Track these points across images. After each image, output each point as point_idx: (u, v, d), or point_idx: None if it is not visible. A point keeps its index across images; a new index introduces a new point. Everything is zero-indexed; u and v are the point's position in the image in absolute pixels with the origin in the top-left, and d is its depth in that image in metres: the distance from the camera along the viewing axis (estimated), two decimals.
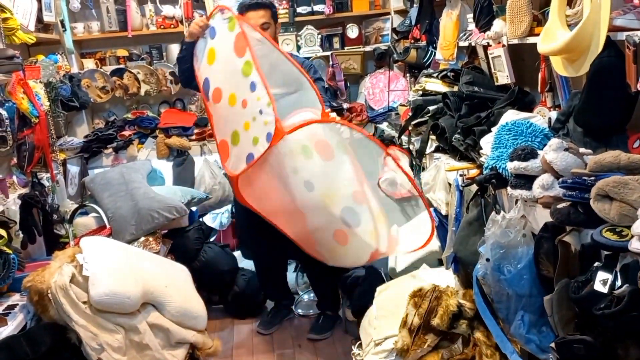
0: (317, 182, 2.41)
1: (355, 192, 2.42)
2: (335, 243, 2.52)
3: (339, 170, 2.40)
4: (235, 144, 2.50)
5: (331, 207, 2.41)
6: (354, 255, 2.54)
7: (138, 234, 3.03)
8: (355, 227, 2.43)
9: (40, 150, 2.73)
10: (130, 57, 3.98)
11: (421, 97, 2.77)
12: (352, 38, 4.14)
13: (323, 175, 2.41)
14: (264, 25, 2.74)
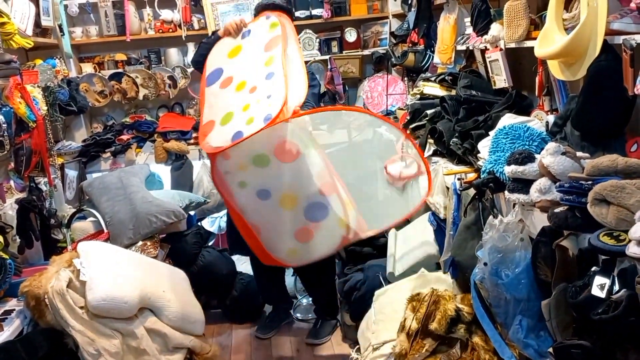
0: (274, 187, 2.35)
1: (323, 185, 2.35)
2: (294, 243, 2.46)
3: (305, 167, 2.33)
4: (224, 124, 2.28)
5: (292, 208, 2.37)
6: (320, 247, 2.49)
7: (136, 238, 3.02)
8: (322, 220, 2.38)
9: (37, 154, 2.73)
10: (129, 61, 3.98)
11: (419, 100, 2.77)
12: (351, 42, 4.14)
13: (283, 178, 2.33)
14: None
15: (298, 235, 2.45)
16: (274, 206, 2.37)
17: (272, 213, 2.40)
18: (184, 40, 3.94)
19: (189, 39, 3.95)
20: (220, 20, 3.93)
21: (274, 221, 2.43)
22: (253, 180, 2.34)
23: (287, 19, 2.58)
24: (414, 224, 2.88)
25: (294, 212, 2.39)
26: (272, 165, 2.30)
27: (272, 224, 2.45)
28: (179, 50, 4.01)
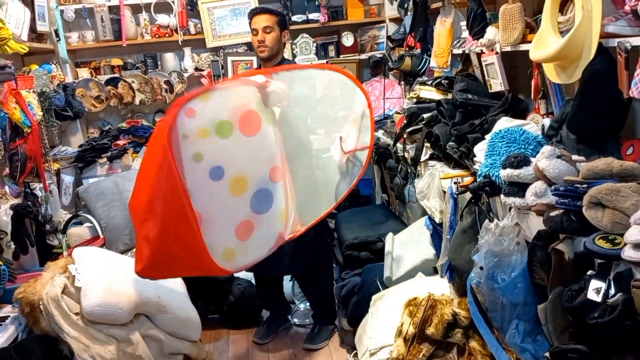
0: (230, 166, 2.13)
1: (273, 170, 2.24)
2: (233, 240, 2.19)
3: (262, 145, 2.21)
4: None
5: (241, 195, 2.18)
6: (256, 248, 2.26)
7: (132, 243, 3.00)
8: (264, 213, 2.23)
9: (32, 160, 2.72)
10: (125, 66, 3.98)
11: (415, 104, 2.77)
12: (348, 46, 4.14)
13: (240, 154, 2.17)
14: (266, 29, 2.78)
15: (239, 231, 2.20)
16: (224, 190, 2.14)
17: (220, 198, 2.14)
18: (180, 45, 3.95)
19: (185, 44, 3.95)
20: (216, 25, 3.93)
21: (220, 209, 2.16)
22: (210, 152, 2.09)
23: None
24: (411, 229, 2.88)
25: (242, 199, 2.18)
26: (233, 137, 2.12)
27: (217, 213, 2.15)
28: (175, 55, 4.01)
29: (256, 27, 2.80)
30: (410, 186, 2.89)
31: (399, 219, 3.29)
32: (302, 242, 2.88)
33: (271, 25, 2.78)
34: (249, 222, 2.21)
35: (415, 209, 2.92)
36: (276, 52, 2.84)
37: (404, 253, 2.72)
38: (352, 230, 3.17)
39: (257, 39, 2.80)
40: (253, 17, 2.83)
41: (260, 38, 2.79)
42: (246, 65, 3.96)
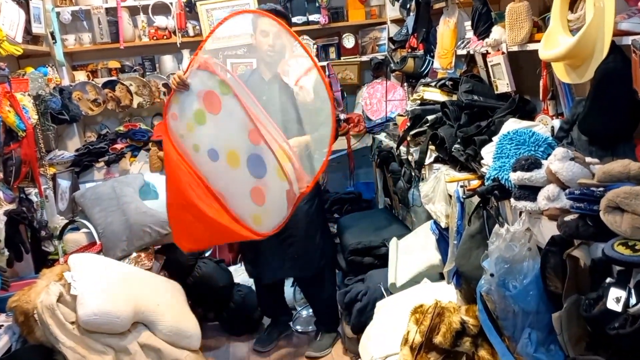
0: (218, 145, 2.45)
1: (251, 132, 2.35)
2: (254, 207, 2.43)
3: (230, 116, 2.38)
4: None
5: (238, 166, 2.41)
6: (277, 209, 2.41)
7: (130, 250, 2.94)
8: (264, 176, 2.37)
9: (27, 164, 2.66)
10: (123, 69, 3.92)
11: (420, 106, 2.71)
12: (349, 48, 4.08)
13: (220, 132, 2.42)
14: None
15: (254, 197, 2.42)
16: (225, 166, 2.44)
17: (226, 174, 2.45)
18: (178, 47, 3.88)
19: (183, 46, 3.89)
20: None
21: (231, 183, 2.46)
22: (201, 140, 2.47)
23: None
24: (416, 233, 2.81)
25: (241, 170, 2.40)
26: (208, 119, 2.43)
27: (231, 187, 2.47)
28: (173, 57, 3.95)
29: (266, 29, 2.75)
30: (415, 190, 2.83)
31: (402, 223, 3.23)
32: (305, 246, 2.83)
33: None
34: (258, 187, 2.41)
35: (420, 213, 2.86)
36: None
37: (408, 258, 2.66)
38: (355, 235, 3.11)
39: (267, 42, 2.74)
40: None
41: None
42: (246, 67, 3.89)
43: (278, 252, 2.86)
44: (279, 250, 2.86)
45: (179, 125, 2.55)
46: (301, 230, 2.83)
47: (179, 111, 2.52)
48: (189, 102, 2.48)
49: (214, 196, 2.50)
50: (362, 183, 4.19)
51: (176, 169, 2.53)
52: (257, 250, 2.91)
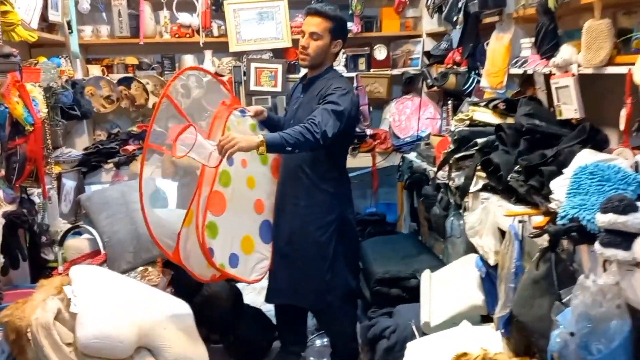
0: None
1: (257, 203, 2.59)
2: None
3: (238, 207, 2.50)
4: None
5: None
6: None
7: (136, 262, 2.68)
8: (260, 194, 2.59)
9: (32, 162, 2.41)
10: (140, 66, 3.68)
11: (468, 127, 2.46)
12: (380, 60, 3.86)
13: (234, 223, 2.47)
14: (313, 35, 2.48)
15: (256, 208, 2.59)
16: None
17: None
18: (201, 47, 3.66)
19: (206, 46, 3.66)
20: (241, 28, 3.64)
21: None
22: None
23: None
24: (453, 267, 2.55)
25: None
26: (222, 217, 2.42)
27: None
28: (195, 58, 3.72)
29: (304, 29, 2.51)
30: (454, 219, 2.57)
31: (432, 253, 2.97)
32: (309, 275, 2.57)
33: (320, 32, 2.47)
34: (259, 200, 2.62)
35: (458, 245, 2.60)
36: (319, 62, 2.54)
37: (445, 295, 2.40)
38: (381, 262, 2.85)
39: (301, 43, 2.51)
40: (306, 17, 2.53)
41: (304, 43, 2.49)
42: (270, 73, 3.67)
43: (285, 272, 2.61)
44: (286, 271, 2.61)
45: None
46: (307, 257, 2.58)
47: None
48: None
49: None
50: (383, 203, 3.94)
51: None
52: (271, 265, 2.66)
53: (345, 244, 2.64)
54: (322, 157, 2.54)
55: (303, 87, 2.66)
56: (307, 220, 2.57)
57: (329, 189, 2.58)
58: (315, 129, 2.28)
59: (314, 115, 2.34)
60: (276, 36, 3.66)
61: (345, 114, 2.40)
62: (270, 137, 2.27)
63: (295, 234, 2.59)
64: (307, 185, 2.57)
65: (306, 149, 2.33)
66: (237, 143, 2.19)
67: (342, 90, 2.47)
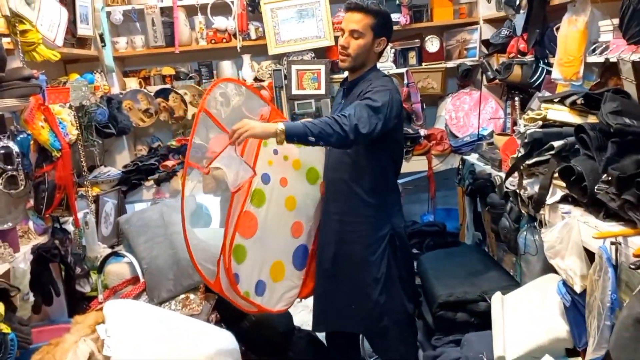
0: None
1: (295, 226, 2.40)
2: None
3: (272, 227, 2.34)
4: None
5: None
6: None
7: (177, 290, 2.50)
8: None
9: (62, 190, 2.26)
10: (177, 76, 3.52)
11: (541, 128, 2.12)
12: (432, 52, 3.52)
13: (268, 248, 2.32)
14: (354, 33, 2.20)
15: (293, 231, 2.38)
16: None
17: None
18: (238, 52, 3.44)
19: (244, 50, 3.45)
20: (280, 29, 3.41)
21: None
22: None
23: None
24: (528, 289, 2.22)
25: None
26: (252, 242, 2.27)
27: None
28: (233, 63, 3.51)
29: (343, 27, 2.23)
30: (527, 234, 2.24)
31: (502, 269, 2.64)
32: (357, 299, 2.30)
33: (362, 30, 2.18)
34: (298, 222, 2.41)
35: (534, 264, 2.26)
36: (360, 63, 2.24)
37: (521, 323, 2.07)
38: (443, 282, 2.54)
39: (340, 42, 2.24)
40: (346, 13, 2.26)
41: (343, 42, 2.22)
42: (313, 75, 3.41)
43: (331, 296, 2.36)
44: (332, 295, 2.36)
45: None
46: (356, 279, 2.30)
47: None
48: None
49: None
50: (442, 209, 3.61)
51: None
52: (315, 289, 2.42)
53: (398, 261, 2.36)
54: (368, 167, 2.27)
55: (344, 92, 2.40)
56: (353, 238, 2.31)
57: (376, 202, 2.30)
58: (344, 121, 2.00)
59: (346, 109, 2.09)
60: (317, 34, 3.40)
61: (383, 111, 2.09)
62: (291, 124, 2.02)
63: (340, 253, 2.33)
64: (352, 200, 2.30)
65: (333, 142, 2.05)
66: (251, 129, 1.98)
67: (380, 87, 2.18)
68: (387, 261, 2.28)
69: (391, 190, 2.34)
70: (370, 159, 2.22)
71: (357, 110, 2.04)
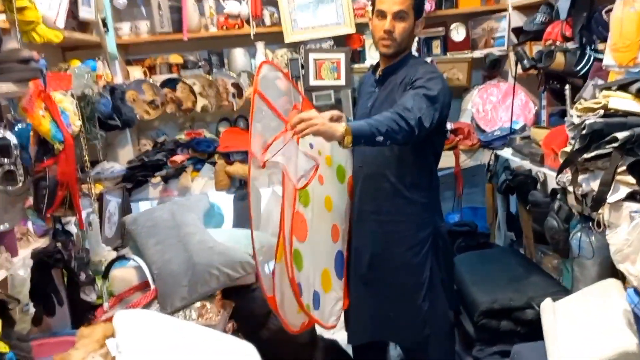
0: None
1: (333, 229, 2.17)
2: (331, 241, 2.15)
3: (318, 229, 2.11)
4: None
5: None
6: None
7: (192, 298, 2.27)
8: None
9: (64, 187, 2.01)
10: (185, 65, 3.27)
11: (602, 118, 1.91)
12: (458, 41, 3.30)
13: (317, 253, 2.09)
14: (399, 14, 1.98)
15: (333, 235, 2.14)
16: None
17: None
18: (252, 39, 3.21)
19: (258, 38, 3.21)
20: (297, 15, 3.18)
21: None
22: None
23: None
24: (584, 295, 2.01)
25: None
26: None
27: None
28: (246, 52, 3.27)
29: (385, 8, 1.99)
30: (582, 235, 2.03)
31: (544, 273, 2.43)
32: (400, 306, 2.10)
33: (406, 10, 1.98)
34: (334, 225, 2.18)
35: (589, 267, 2.06)
36: (403, 48, 2.06)
37: (580, 335, 1.86)
38: (483, 287, 2.33)
39: (382, 26, 2.01)
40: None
41: (388, 27, 2.00)
42: (332, 64, 3.19)
43: (368, 304, 2.15)
44: (369, 304, 2.15)
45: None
46: (396, 284, 2.11)
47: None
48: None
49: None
50: (468, 208, 3.39)
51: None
52: (350, 297, 2.21)
53: (440, 263, 2.16)
54: (412, 161, 2.06)
55: (377, 81, 2.18)
56: (393, 239, 2.10)
57: (419, 199, 2.10)
58: (409, 115, 1.80)
59: (404, 102, 1.87)
60: (337, 21, 3.17)
61: (440, 100, 1.92)
62: (356, 125, 1.78)
63: (378, 256, 2.12)
64: (392, 196, 2.09)
65: (399, 140, 1.83)
66: (321, 124, 1.71)
67: (431, 73, 2.00)
68: (430, 264, 2.08)
69: (434, 187, 2.14)
70: (414, 151, 2.01)
71: (417, 101, 1.84)
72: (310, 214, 2.00)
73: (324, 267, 2.07)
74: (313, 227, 2.01)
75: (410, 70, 2.05)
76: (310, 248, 1.98)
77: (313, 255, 2.00)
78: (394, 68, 2.11)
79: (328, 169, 2.14)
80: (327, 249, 2.12)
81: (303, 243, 1.94)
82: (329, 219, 2.12)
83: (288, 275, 1.84)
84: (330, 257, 2.13)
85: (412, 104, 1.83)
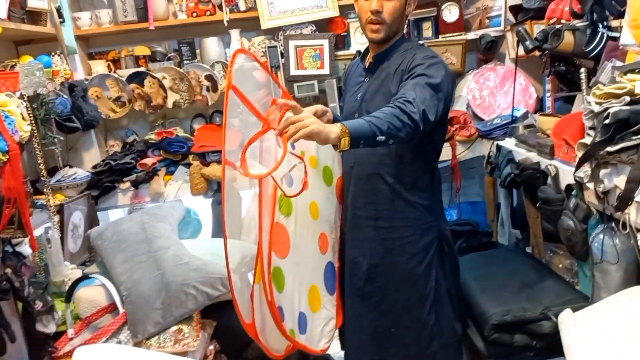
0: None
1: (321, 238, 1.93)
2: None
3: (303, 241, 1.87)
4: None
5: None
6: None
7: (167, 322, 2.01)
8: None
9: (12, 204, 1.74)
10: (153, 57, 2.98)
11: (628, 105, 1.67)
12: (450, 22, 3.04)
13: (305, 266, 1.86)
14: None
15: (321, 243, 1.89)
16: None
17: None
18: (225, 27, 2.93)
19: (232, 25, 2.93)
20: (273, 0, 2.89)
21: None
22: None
23: None
24: (610, 304, 1.79)
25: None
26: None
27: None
28: (219, 40, 2.98)
29: None
30: (606, 237, 1.81)
31: (559, 276, 2.21)
32: (402, 319, 1.88)
33: None
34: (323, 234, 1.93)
35: (612, 273, 1.83)
36: (395, 31, 1.83)
37: (609, 350, 1.65)
38: (492, 296, 2.10)
39: (369, 6, 1.76)
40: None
41: (375, 6, 1.75)
42: (315, 51, 2.92)
43: (367, 322, 1.92)
44: (368, 320, 1.92)
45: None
46: (399, 296, 1.89)
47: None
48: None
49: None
50: (466, 203, 3.16)
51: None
52: (345, 312, 1.97)
53: (446, 271, 1.93)
54: (410, 158, 1.83)
55: (367, 69, 1.93)
56: (393, 246, 1.87)
57: (421, 201, 1.87)
58: (411, 109, 1.56)
59: (404, 93, 1.62)
60: (318, 4, 2.89)
61: (443, 89, 1.69)
62: (353, 124, 1.51)
63: (377, 266, 1.89)
64: (390, 198, 1.86)
65: (403, 138, 1.57)
66: (310, 127, 1.43)
67: (431, 58, 1.76)
68: (435, 273, 1.85)
69: (436, 186, 1.91)
70: (412, 147, 1.77)
71: (418, 92, 1.60)
72: (293, 224, 1.75)
73: (312, 283, 1.83)
74: (297, 239, 1.75)
75: (406, 56, 1.81)
76: (294, 264, 1.73)
77: (298, 272, 1.75)
78: (386, 54, 1.87)
79: (313, 170, 1.89)
80: (315, 262, 1.87)
81: (284, 259, 1.69)
82: (315, 227, 1.87)
83: (267, 298, 1.59)
84: (318, 271, 1.88)
85: (414, 95, 1.58)
